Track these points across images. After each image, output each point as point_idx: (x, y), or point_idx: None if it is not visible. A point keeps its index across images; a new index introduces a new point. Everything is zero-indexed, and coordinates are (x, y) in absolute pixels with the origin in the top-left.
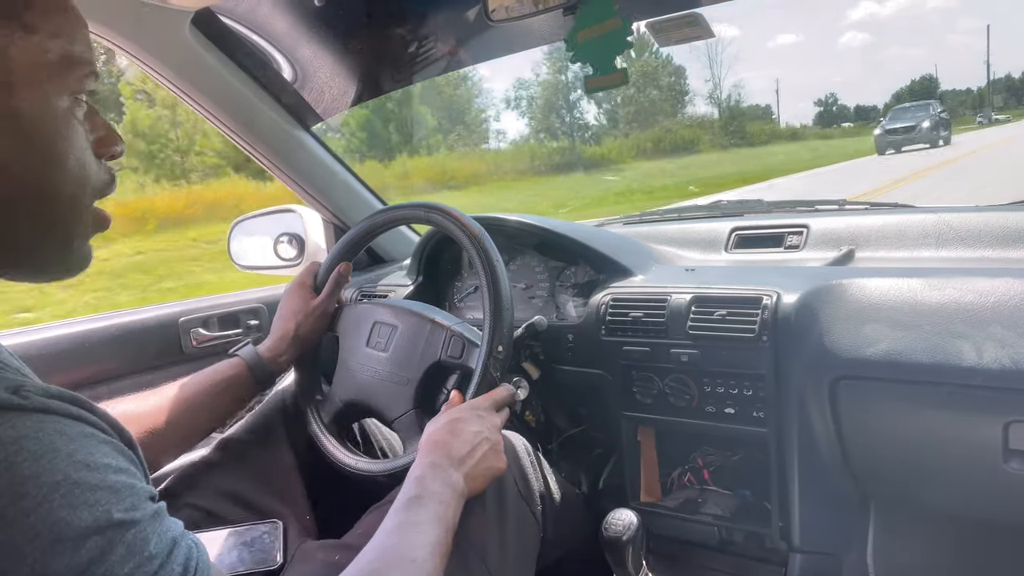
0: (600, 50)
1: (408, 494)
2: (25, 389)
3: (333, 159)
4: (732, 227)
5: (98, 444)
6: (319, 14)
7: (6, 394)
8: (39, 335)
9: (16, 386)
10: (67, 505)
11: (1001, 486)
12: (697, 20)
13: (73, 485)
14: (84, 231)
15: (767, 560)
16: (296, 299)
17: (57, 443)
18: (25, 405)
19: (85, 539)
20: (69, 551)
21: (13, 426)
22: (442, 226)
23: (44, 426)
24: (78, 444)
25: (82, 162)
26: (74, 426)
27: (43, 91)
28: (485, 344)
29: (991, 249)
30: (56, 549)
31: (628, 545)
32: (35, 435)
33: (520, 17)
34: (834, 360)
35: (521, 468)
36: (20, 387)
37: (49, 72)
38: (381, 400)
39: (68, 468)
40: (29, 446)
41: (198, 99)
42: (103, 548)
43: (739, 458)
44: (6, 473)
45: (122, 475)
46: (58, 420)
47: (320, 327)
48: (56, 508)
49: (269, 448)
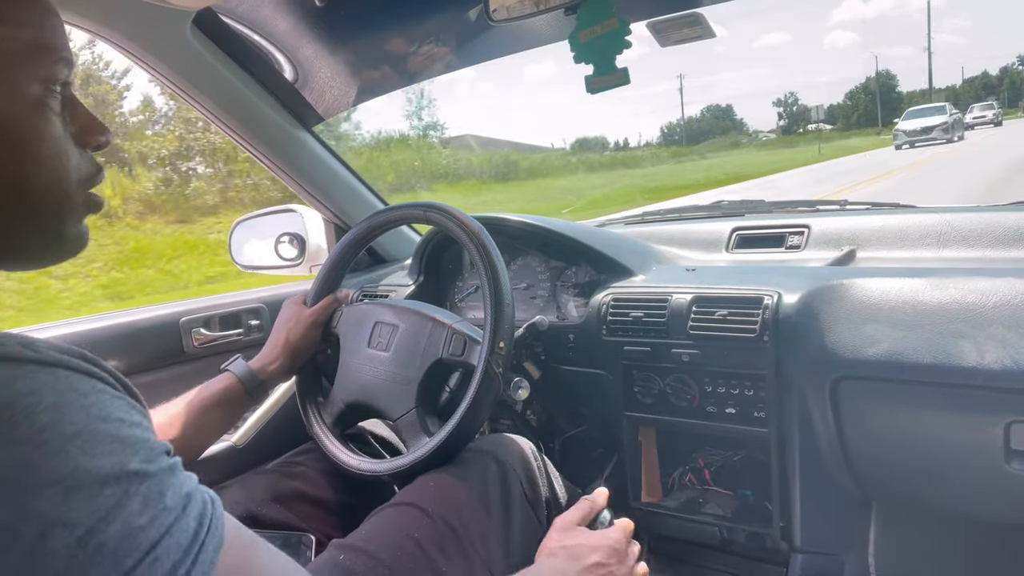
0: (601, 50)
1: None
2: (36, 344)
3: (334, 159)
4: (733, 227)
5: (111, 399)
6: (320, 14)
7: (18, 347)
8: (39, 335)
9: (27, 341)
10: (85, 453)
11: (1002, 486)
12: (698, 20)
13: (90, 434)
14: (74, 215)
15: (768, 560)
16: (289, 310)
17: (71, 397)
18: (39, 358)
19: (104, 486)
20: (89, 497)
21: (30, 378)
22: (442, 225)
23: (58, 380)
24: (92, 399)
25: (59, 152)
26: (86, 381)
27: (10, 80)
28: (487, 341)
29: (993, 249)
30: (76, 495)
31: None
32: (52, 386)
33: (521, 17)
34: (835, 360)
35: (528, 472)
36: (31, 342)
37: (15, 60)
38: (383, 400)
39: (84, 419)
40: (47, 396)
41: (199, 99)
42: (120, 497)
43: (740, 458)
44: (25, 422)
45: (136, 428)
46: (71, 375)
47: (312, 336)
48: (75, 455)
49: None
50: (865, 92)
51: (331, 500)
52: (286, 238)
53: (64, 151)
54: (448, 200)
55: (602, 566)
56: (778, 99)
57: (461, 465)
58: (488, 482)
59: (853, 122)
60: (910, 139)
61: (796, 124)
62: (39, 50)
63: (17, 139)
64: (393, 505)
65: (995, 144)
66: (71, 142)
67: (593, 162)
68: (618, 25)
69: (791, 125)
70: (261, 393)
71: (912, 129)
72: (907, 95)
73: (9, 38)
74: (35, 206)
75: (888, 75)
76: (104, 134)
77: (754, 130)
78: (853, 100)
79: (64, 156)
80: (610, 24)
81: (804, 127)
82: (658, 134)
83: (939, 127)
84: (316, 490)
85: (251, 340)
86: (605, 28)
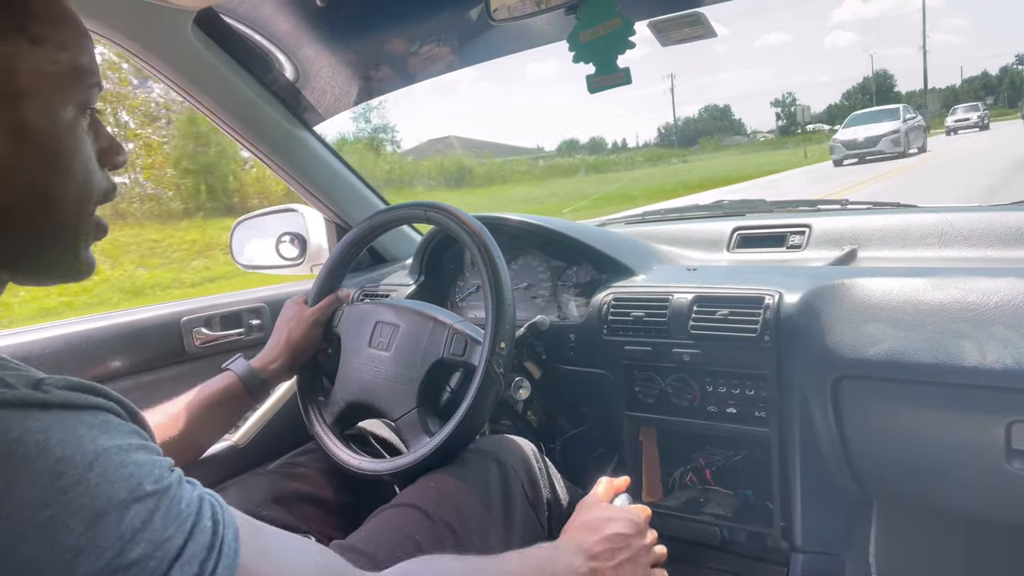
0: (602, 50)
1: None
2: (46, 384)
3: (335, 158)
4: (734, 227)
5: (117, 427)
6: (321, 14)
7: (27, 390)
8: (40, 335)
9: (36, 381)
10: (104, 481)
11: (1003, 486)
12: (699, 19)
13: (106, 462)
14: (87, 238)
15: (769, 560)
16: (290, 309)
17: (80, 431)
18: (48, 400)
19: (126, 509)
20: (113, 522)
21: (38, 420)
22: (442, 224)
23: (65, 420)
24: (99, 431)
25: (87, 170)
26: (95, 415)
27: (50, 102)
28: (488, 341)
29: (994, 249)
30: (100, 521)
31: None
32: (59, 426)
33: (522, 17)
34: (836, 360)
35: (530, 474)
36: (41, 382)
37: (56, 83)
38: (384, 399)
39: (96, 450)
40: (56, 434)
41: (200, 98)
42: (144, 517)
43: (741, 458)
44: (39, 457)
45: (142, 452)
46: (78, 413)
47: (313, 335)
48: (94, 484)
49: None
50: (862, 92)
51: (331, 501)
52: (287, 238)
53: (91, 169)
54: None
55: (621, 537)
56: (776, 99)
57: (462, 466)
58: (489, 483)
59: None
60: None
61: (794, 125)
62: (77, 75)
63: (53, 156)
64: (393, 506)
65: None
66: (95, 161)
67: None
68: (621, 25)
69: (789, 126)
70: (262, 392)
71: (851, 140)
72: (906, 95)
73: (50, 60)
74: (60, 222)
75: (885, 75)
76: (122, 154)
77: (752, 131)
78: (850, 101)
79: (91, 174)
80: (613, 24)
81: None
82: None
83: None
84: (316, 490)
85: (252, 340)
86: (608, 28)
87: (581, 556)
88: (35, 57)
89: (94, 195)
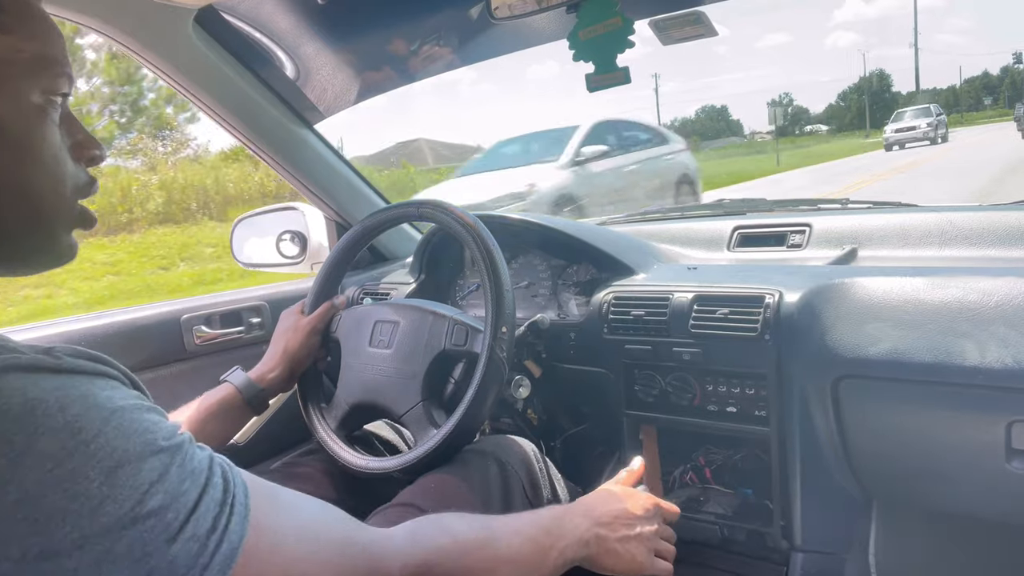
0: (602, 48)
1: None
2: (56, 351)
3: (336, 157)
4: (735, 226)
5: (126, 391)
6: (322, 12)
7: (38, 355)
8: (39, 333)
9: (46, 348)
10: (121, 435)
11: (1004, 486)
12: (699, 18)
13: (120, 419)
14: (68, 224)
15: (769, 559)
16: (286, 319)
17: (93, 391)
18: (60, 366)
19: (143, 461)
20: (131, 473)
21: (51, 381)
22: (437, 220)
23: (78, 382)
24: (110, 392)
25: (58, 160)
26: (102, 380)
27: (15, 90)
28: (489, 327)
29: (995, 248)
30: (119, 471)
31: None
32: (72, 387)
33: (523, 15)
34: (836, 359)
35: (530, 473)
36: (50, 349)
37: (21, 70)
38: (388, 396)
39: (111, 408)
40: (71, 393)
41: (201, 96)
42: (160, 470)
43: (741, 457)
44: (59, 413)
45: (153, 412)
46: (89, 378)
47: (311, 343)
48: (112, 438)
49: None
50: (858, 93)
51: (333, 501)
52: (287, 236)
53: (62, 159)
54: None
55: (630, 515)
56: (773, 100)
57: (462, 466)
58: (489, 483)
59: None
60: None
61: (793, 125)
62: (44, 62)
63: (19, 144)
64: (393, 506)
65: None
66: (68, 153)
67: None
68: (621, 24)
69: (787, 126)
70: (261, 403)
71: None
72: (907, 95)
73: (16, 48)
74: (34, 210)
75: (882, 75)
76: (99, 148)
77: (751, 131)
78: (846, 101)
79: (62, 164)
80: (613, 23)
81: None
82: None
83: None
84: (318, 491)
85: (252, 338)
86: (608, 27)
87: (588, 520)
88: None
89: (67, 186)
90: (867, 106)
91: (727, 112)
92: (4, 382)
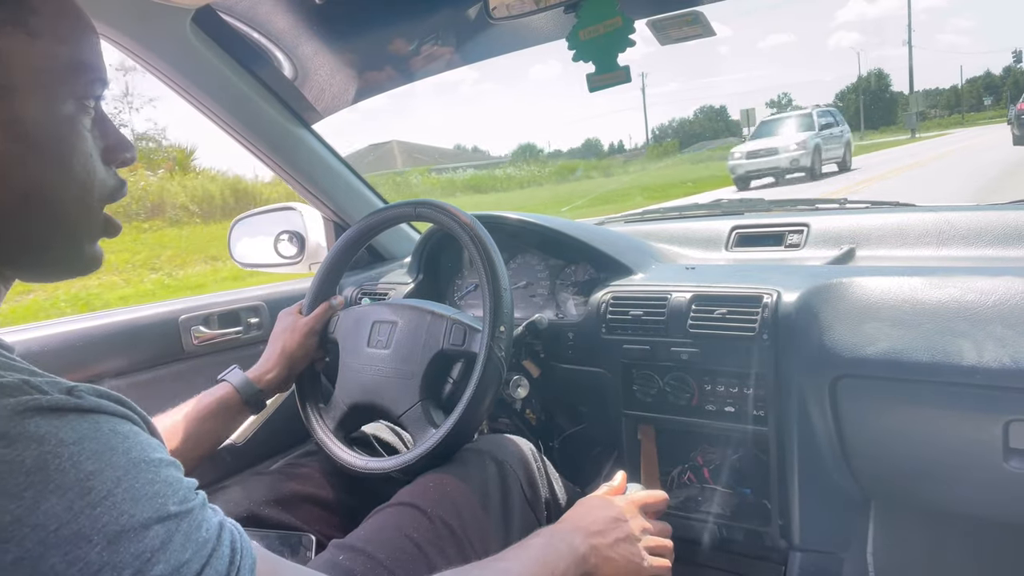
0: (602, 48)
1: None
2: (78, 390)
3: (334, 157)
4: (733, 225)
5: (147, 440)
6: (320, 12)
7: (62, 396)
8: (37, 333)
9: (68, 387)
10: (130, 499)
11: (1001, 485)
12: (697, 18)
13: (134, 480)
14: (93, 233)
15: (767, 558)
16: (284, 319)
17: (114, 442)
18: (82, 406)
19: (147, 528)
20: (134, 540)
21: (73, 428)
22: (434, 220)
23: (100, 426)
24: (132, 442)
25: (88, 167)
26: (125, 424)
27: (47, 96)
28: (487, 325)
29: (992, 248)
30: (121, 538)
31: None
32: (94, 435)
33: (521, 15)
34: (834, 359)
35: (528, 473)
36: (73, 388)
37: (53, 77)
38: (387, 397)
39: (127, 464)
40: (90, 445)
41: (198, 97)
42: (164, 538)
43: (739, 456)
44: (72, 470)
45: (171, 468)
46: (111, 419)
47: (308, 344)
48: (120, 501)
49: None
50: (855, 92)
51: (332, 501)
52: (285, 236)
53: (92, 167)
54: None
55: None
56: (771, 100)
57: (461, 465)
58: (487, 483)
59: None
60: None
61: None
62: (77, 68)
63: (49, 151)
64: (392, 505)
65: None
66: (99, 158)
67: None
68: (621, 24)
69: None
70: (258, 403)
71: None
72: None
73: (49, 55)
74: (57, 219)
75: (881, 74)
76: (130, 151)
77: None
78: (844, 102)
79: (93, 171)
80: (613, 23)
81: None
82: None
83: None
84: (317, 491)
85: (250, 338)
86: (608, 27)
87: (579, 534)
88: (32, 51)
89: (96, 193)
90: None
91: (725, 112)
92: (23, 428)
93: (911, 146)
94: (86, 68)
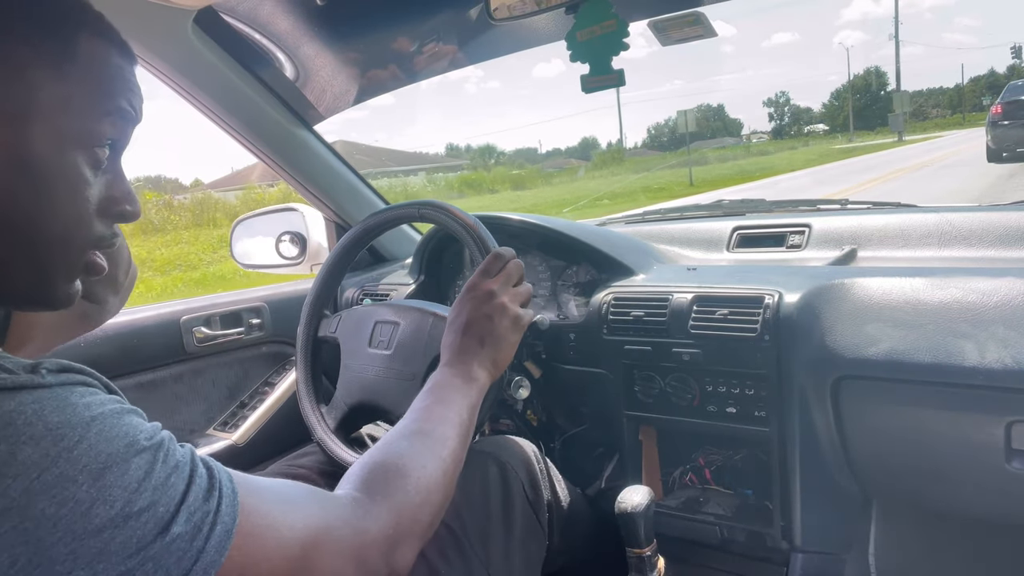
0: (598, 50)
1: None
2: (42, 367)
3: (335, 158)
4: (734, 226)
5: (104, 396)
6: (321, 13)
7: (25, 374)
8: None
9: (32, 366)
10: (104, 438)
11: (1003, 486)
12: (698, 19)
13: (102, 422)
14: (70, 274)
15: (769, 559)
16: None
17: (73, 399)
18: (42, 383)
19: (127, 462)
20: (118, 474)
21: (36, 397)
22: (436, 221)
23: (56, 394)
24: (91, 398)
25: (80, 211)
26: (81, 389)
27: (58, 135)
28: None
29: (994, 249)
30: (106, 474)
31: (640, 518)
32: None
33: (522, 16)
34: (836, 360)
35: (530, 475)
36: (37, 366)
37: (69, 120)
38: (388, 397)
39: (91, 415)
40: (51, 403)
41: (200, 98)
42: (146, 468)
43: (741, 457)
44: (39, 422)
45: (132, 415)
46: (67, 388)
47: None
48: (95, 442)
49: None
50: (853, 91)
51: None
52: (287, 237)
53: (86, 212)
54: None
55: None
56: (768, 99)
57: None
58: (489, 484)
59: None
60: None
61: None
62: (97, 117)
63: (43, 186)
64: None
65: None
66: (95, 206)
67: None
68: (616, 27)
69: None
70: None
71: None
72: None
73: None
74: (36, 252)
75: (879, 73)
76: (132, 204)
77: (750, 131)
78: (840, 100)
79: (83, 216)
80: (608, 25)
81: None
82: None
83: None
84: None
85: (252, 339)
86: (604, 29)
87: (453, 334)
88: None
89: (81, 238)
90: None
91: (723, 111)
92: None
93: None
94: (106, 119)
